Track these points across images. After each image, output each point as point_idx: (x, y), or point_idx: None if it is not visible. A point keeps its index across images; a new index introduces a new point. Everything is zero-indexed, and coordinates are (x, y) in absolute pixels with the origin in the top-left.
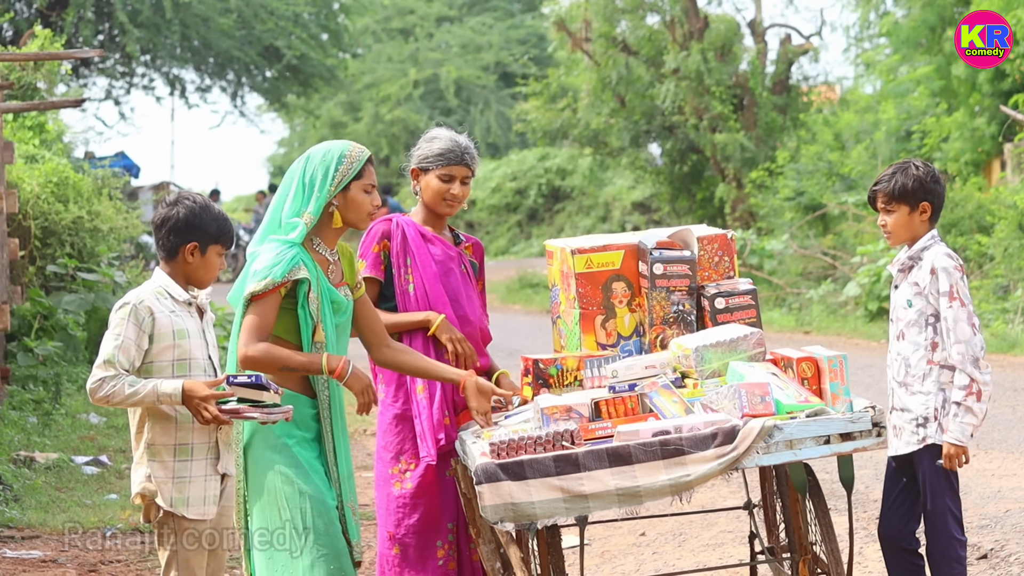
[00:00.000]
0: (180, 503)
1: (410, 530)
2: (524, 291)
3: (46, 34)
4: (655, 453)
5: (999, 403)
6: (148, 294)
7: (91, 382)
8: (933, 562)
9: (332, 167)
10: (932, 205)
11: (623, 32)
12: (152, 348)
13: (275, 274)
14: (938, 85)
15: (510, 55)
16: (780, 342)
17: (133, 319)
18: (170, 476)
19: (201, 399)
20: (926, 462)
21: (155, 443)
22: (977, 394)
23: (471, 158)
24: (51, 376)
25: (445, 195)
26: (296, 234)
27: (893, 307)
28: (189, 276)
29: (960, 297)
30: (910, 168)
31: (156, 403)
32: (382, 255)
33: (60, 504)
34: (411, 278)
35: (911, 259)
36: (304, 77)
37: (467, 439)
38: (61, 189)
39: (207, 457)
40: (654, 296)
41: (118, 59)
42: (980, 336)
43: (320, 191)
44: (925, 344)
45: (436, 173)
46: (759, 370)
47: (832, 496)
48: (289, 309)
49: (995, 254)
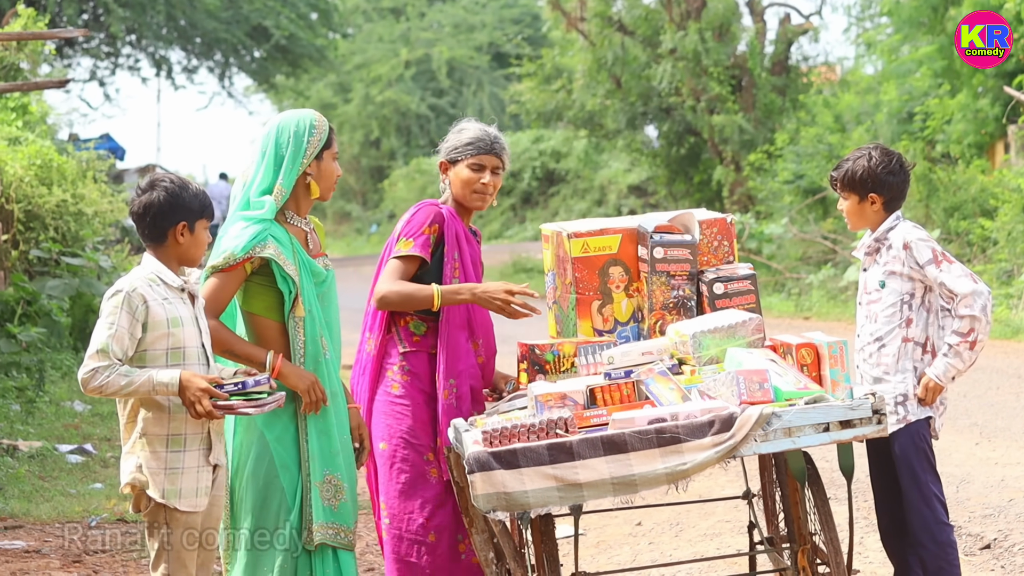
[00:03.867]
0: (172, 494)
1: (446, 519)
2: (518, 276)
3: (29, 13)
4: (651, 441)
5: (1003, 390)
6: (141, 281)
7: (83, 372)
8: (926, 551)
9: (305, 138)
10: (883, 198)
11: (619, 11)
12: (146, 337)
13: (235, 249)
14: (941, 65)
15: (503, 35)
16: (779, 328)
17: (127, 307)
18: (163, 467)
19: (200, 392)
20: (905, 443)
21: (148, 433)
22: (972, 343)
23: (501, 148)
24: (35, 363)
25: (475, 185)
26: (265, 211)
27: (862, 290)
28: (182, 256)
29: (945, 257)
30: (865, 156)
31: (151, 394)
32: (432, 238)
33: (44, 493)
34: (457, 273)
35: (877, 241)
36: (293, 57)
37: (460, 427)
38: (45, 172)
39: (200, 448)
40: (654, 281)
41: (103, 39)
42: (983, 284)
43: (293, 163)
44: (899, 322)
45: (466, 163)
46: (758, 356)
47: (832, 485)
48: (266, 286)
49: (999, 238)
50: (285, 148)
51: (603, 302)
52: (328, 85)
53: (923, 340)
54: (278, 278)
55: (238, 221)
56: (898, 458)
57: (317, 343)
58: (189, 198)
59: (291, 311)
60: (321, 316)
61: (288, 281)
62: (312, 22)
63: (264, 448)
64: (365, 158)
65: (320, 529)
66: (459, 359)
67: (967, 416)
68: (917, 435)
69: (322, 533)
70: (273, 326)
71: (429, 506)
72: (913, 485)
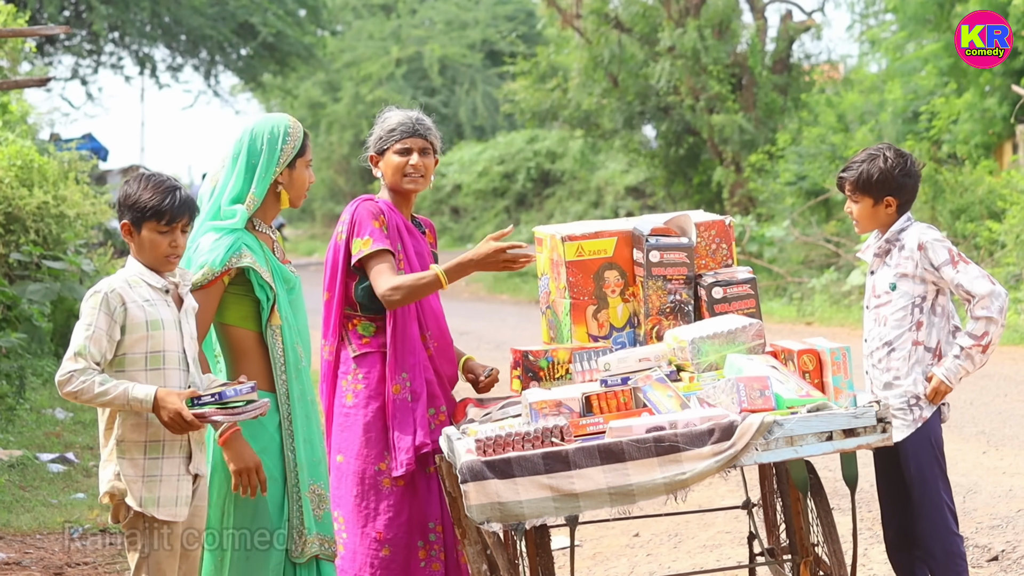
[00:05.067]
0: (150, 503)
1: (400, 530)
2: (512, 280)
3: (9, 10)
4: (649, 450)
5: (1011, 398)
6: (120, 282)
7: (61, 374)
8: (935, 561)
9: (279, 145)
10: (898, 200)
11: (616, 8)
12: (124, 339)
13: (213, 263)
14: (947, 63)
15: (497, 32)
16: (780, 333)
17: (104, 308)
18: (140, 475)
19: (174, 412)
20: (917, 446)
21: (125, 439)
22: (984, 347)
23: (425, 128)
24: (15, 369)
25: (405, 168)
26: (236, 220)
27: (870, 293)
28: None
29: (962, 258)
30: (879, 158)
31: (125, 407)
32: (383, 229)
33: (24, 504)
34: (402, 267)
35: (888, 242)
36: (281, 55)
37: (452, 436)
38: (25, 173)
39: (179, 456)
40: (650, 285)
41: (85, 36)
42: (999, 286)
43: (266, 171)
44: (910, 326)
45: (393, 149)
46: (758, 363)
47: (835, 495)
48: (241, 295)
49: (1007, 241)
50: (258, 155)
51: (598, 307)
52: (317, 84)
53: (934, 345)
54: (256, 286)
55: (209, 232)
56: (909, 463)
57: (295, 351)
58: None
59: (268, 320)
60: (293, 325)
61: (266, 288)
62: (300, 19)
63: None
64: (355, 158)
65: (312, 541)
66: (410, 352)
67: (974, 424)
68: (930, 438)
69: (312, 545)
70: (249, 336)
71: (382, 519)
72: (923, 492)
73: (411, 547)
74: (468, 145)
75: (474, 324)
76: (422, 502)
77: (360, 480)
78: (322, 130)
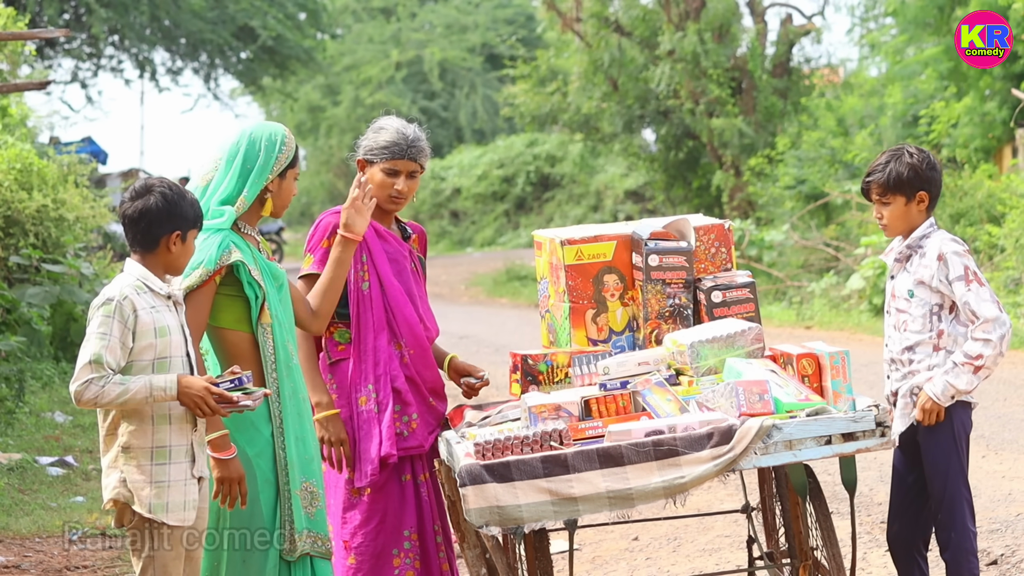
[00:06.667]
0: (159, 508)
1: (367, 537)
2: (511, 284)
3: (8, 13)
4: (648, 454)
5: (1010, 402)
6: (129, 289)
7: (76, 385)
8: (950, 554)
9: (275, 151)
10: (930, 194)
11: (616, 11)
12: (134, 347)
13: (206, 263)
14: (947, 67)
15: (497, 36)
16: (780, 337)
17: (118, 316)
18: (148, 480)
19: (202, 392)
20: (939, 441)
21: (131, 446)
22: (976, 368)
23: (417, 151)
24: (14, 373)
25: (389, 191)
26: (223, 220)
27: (890, 298)
28: (169, 265)
29: (977, 278)
30: (904, 155)
31: (148, 400)
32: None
33: (24, 507)
34: (367, 276)
35: (910, 248)
36: (280, 59)
37: (451, 439)
38: (25, 176)
39: (185, 460)
40: (649, 289)
41: (85, 40)
42: (1006, 314)
43: (260, 176)
44: (930, 334)
45: (380, 166)
46: (757, 367)
47: (834, 499)
48: (234, 296)
49: (1006, 245)
50: (255, 159)
51: (597, 311)
52: (317, 87)
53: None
54: (244, 284)
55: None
56: (933, 452)
57: (286, 348)
58: (185, 207)
59: (259, 319)
60: (283, 323)
61: (254, 285)
62: (300, 22)
63: (247, 465)
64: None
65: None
66: (377, 363)
67: (974, 428)
68: (956, 429)
69: (303, 543)
70: (244, 338)
71: (349, 526)
72: (945, 484)
73: (382, 555)
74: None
75: (473, 328)
76: (395, 510)
77: (334, 488)
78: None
